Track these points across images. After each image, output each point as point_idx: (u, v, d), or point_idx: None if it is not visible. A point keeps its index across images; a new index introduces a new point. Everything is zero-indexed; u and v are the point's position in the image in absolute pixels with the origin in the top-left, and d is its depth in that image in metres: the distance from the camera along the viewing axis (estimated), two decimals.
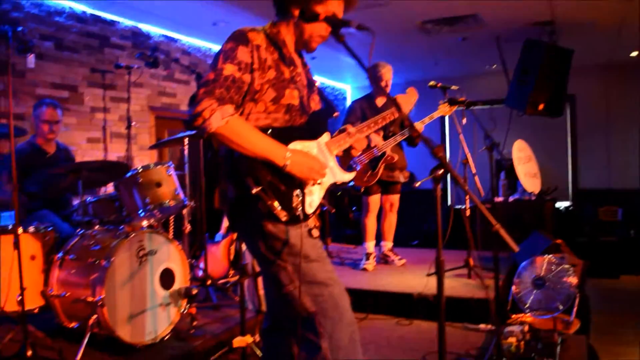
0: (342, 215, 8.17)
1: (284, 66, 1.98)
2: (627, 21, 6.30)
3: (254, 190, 1.82)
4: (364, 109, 4.97)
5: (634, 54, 8.08)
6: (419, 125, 4.60)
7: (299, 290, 1.89)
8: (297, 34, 2.04)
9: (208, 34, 6.40)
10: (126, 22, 5.75)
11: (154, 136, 6.06)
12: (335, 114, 2.15)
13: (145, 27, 5.98)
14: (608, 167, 8.90)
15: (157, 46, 6.07)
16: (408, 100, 3.95)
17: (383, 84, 4.93)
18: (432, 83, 4.20)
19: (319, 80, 9.71)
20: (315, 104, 2.13)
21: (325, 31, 2.01)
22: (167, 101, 6.23)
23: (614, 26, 6.54)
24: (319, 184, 1.99)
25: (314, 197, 1.96)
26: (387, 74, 4.97)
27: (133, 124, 5.31)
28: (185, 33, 6.40)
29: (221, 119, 1.77)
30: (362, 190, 5.04)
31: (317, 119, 2.08)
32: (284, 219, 1.85)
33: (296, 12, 1.97)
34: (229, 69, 1.84)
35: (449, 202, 9.20)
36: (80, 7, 5.26)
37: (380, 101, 5.03)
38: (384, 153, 4.73)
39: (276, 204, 1.84)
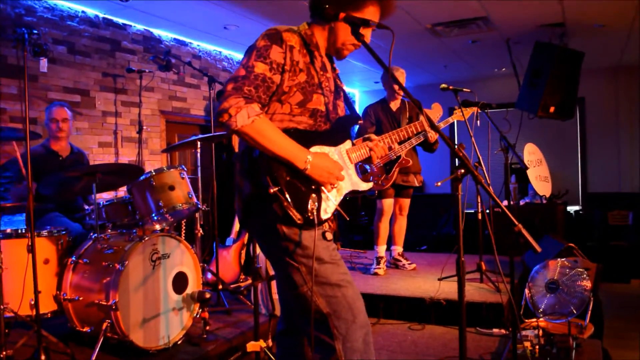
0: (351, 221, 8.14)
1: (314, 70, 1.98)
2: (637, 24, 6.26)
3: (272, 190, 1.81)
4: (377, 113, 4.96)
5: None
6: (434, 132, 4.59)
7: (312, 291, 1.88)
8: (330, 40, 2.04)
9: (219, 37, 6.41)
10: (138, 26, 5.77)
11: (165, 140, 6.07)
12: (360, 121, 2.16)
13: (156, 31, 6.00)
14: (618, 170, 8.85)
15: (169, 50, 6.08)
16: (433, 115, 3.96)
17: (396, 87, 4.93)
18: (443, 86, 4.18)
19: None
20: (341, 110, 2.13)
21: (358, 40, 1.99)
22: (178, 105, 6.24)
23: (624, 29, 6.50)
24: (336, 189, 1.98)
25: (329, 203, 1.95)
26: (400, 78, 4.97)
27: (144, 128, 5.33)
28: (196, 37, 6.41)
29: (247, 118, 1.77)
30: (376, 193, 5.02)
31: (341, 126, 2.08)
32: (298, 222, 1.84)
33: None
34: (260, 68, 1.84)
35: (459, 206, 9.16)
36: (92, 12, 5.28)
37: (394, 105, 5.02)
38: (399, 156, 4.71)
39: (292, 206, 1.83)
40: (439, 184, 2.08)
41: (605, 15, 5.96)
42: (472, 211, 4.95)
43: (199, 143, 3.93)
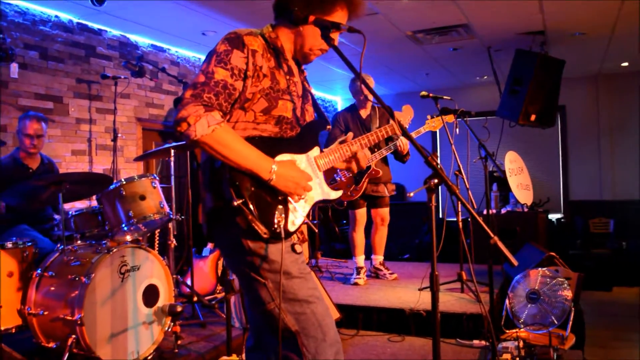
0: (330, 230, 8.06)
1: (280, 75, 1.88)
2: (616, 32, 6.29)
3: (235, 203, 1.72)
4: (347, 121, 4.90)
5: (625, 64, 8.09)
6: (405, 141, 4.54)
7: (280, 308, 1.79)
8: (297, 44, 1.95)
9: (197, 44, 6.32)
10: (113, 31, 5.66)
11: (141, 148, 5.95)
12: (328, 127, 2.06)
13: (133, 37, 5.89)
14: (599, 178, 8.89)
15: (145, 56, 5.97)
16: (403, 117, 3.90)
17: (362, 97, 4.89)
18: (423, 93, 4.13)
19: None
20: (309, 116, 2.03)
21: (326, 44, 1.90)
22: (155, 112, 6.12)
23: (604, 37, 6.53)
24: (304, 199, 1.90)
25: (297, 214, 1.86)
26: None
27: (119, 135, 5.21)
28: (173, 43, 6.31)
29: (207, 127, 1.66)
30: (345, 204, 4.95)
31: (309, 132, 1.99)
32: (264, 236, 1.75)
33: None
34: (220, 74, 1.74)
35: (441, 215, 9.14)
36: (66, 16, 5.16)
37: (364, 113, 4.96)
38: (368, 167, 4.64)
39: (257, 219, 1.74)
40: (412, 194, 2.01)
41: (586, 24, 5.98)
42: (454, 219, 4.89)
43: (172, 151, 3.83)
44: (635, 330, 5.25)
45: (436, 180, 1.68)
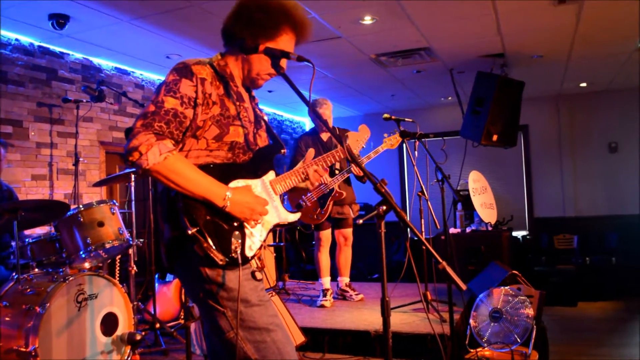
0: (298, 251, 8.03)
1: (229, 102, 1.90)
2: (573, 55, 6.49)
3: (190, 231, 1.72)
4: (308, 145, 4.94)
5: (583, 84, 8.34)
6: (363, 160, 4.59)
7: (238, 337, 1.78)
8: (245, 70, 1.98)
9: (162, 67, 6.30)
10: (76, 54, 5.60)
11: (105, 172, 5.87)
12: (283, 150, 2.08)
13: (96, 60, 5.84)
14: (562, 195, 9.09)
15: (108, 79, 5.92)
16: (360, 137, 3.94)
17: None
18: (386, 115, 4.20)
19: (277, 113, 9.67)
20: (262, 141, 2.05)
21: (273, 70, 1.93)
22: (119, 136, 6.06)
23: (561, 59, 6.73)
24: (260, 224, 1.90)
25: (254, 239, 1.86)
26: (327, 111, 4.96)
27: (81, 159, 5.13)
28: (138, 66, 6.28)
29: (159, 155, 1.67)
30: (313, 227, 4.97)
31: (263, 156, 2.00)
32: (220, 262, 1.74)
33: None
34: (170, 102, 1.75)
35: (409, 234, 9.20)
36: (27, 40, 5.10)
37: (325, 136, 5.00)
38: (332, 190, 4.68)
39: (213, 246, 1.74)
40: (361, 221, 2.03)
41: (543, 47, 6.16)
42: (427, 237, 4.93)
43: (133, 176, 3.79)
44: (599, 345, 5.33)
45: (384, 207, 1.70)
